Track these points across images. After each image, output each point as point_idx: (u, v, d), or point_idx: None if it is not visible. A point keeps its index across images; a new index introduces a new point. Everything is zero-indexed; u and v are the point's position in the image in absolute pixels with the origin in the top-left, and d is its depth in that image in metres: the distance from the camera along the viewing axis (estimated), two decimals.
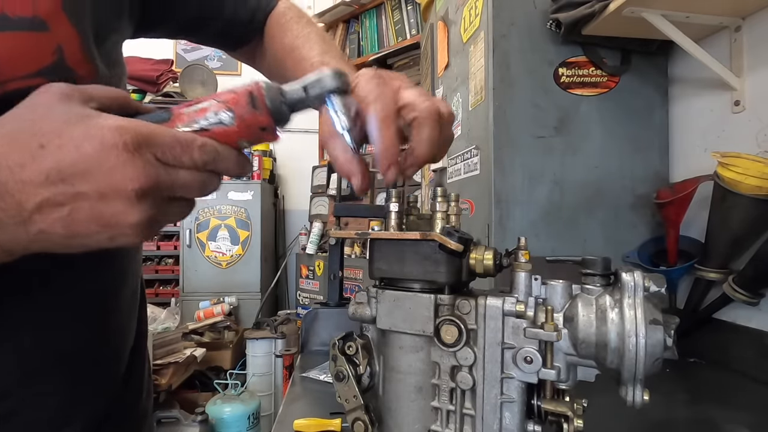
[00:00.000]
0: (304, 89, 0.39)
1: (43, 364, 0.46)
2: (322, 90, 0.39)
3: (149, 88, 3.50)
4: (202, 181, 0.36)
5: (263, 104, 0.37)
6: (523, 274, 0.41)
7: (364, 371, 0.47)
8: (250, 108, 0.37)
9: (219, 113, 0.37)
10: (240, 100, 0.37)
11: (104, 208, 0.32)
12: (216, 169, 0.37)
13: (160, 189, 0.33)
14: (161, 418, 2.27)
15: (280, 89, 0.38)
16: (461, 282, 0.44)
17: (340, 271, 1.23)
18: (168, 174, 0.34)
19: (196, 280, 3.28)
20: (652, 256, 1.14)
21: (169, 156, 0.34)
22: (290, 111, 0.39)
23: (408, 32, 3.13)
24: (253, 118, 0.37)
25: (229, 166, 0.38)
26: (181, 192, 0.36)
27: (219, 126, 0.37)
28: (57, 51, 0.41)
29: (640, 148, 1.20)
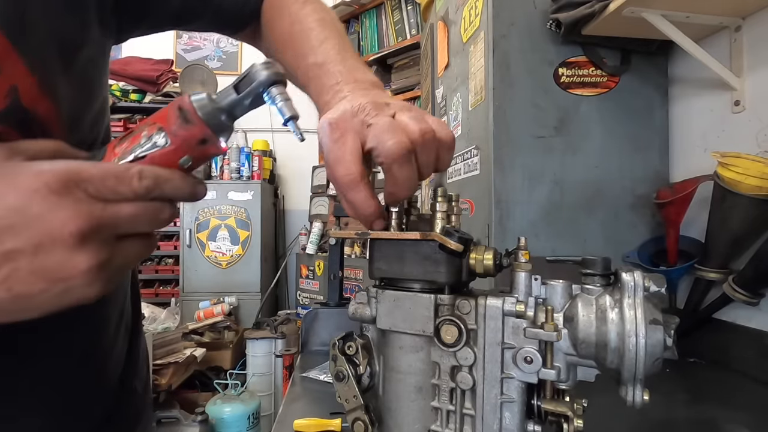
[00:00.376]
0: (235, 89, 0.37)
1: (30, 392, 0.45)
2: (256, 86, 0.36)
3: (149, 88, 3.50)
4: (151, 210, 0.33)
5: (195, 116, 0.35)
6: (523, 274, 0.41)
7: (364, 371, 0.47)
8: (181, 123, 0.35)
9: (152, 136, 0.35)
10: (170, 116, 0.35)
11: (45, 260, 0.29)
12: (162, 195, 0.34)
13: (102, 228, 0.30)
14: (161, 418, 2.27)
15: (210, 96, 0.36)
16: (461, 282, 0.44)
17: (340, 271, 1.23)
18: (107, 210, 0.31)
19: (196, 280, 3.28)
20: (652, 256, 1.14)
21: (104, 190, 0.31)
22: (229, 117, 0.37)
23: (408, 32, 3.13)
24: (187, 132, 0.35)
25: (177, 189, 0.35)
26: (130, 227, 0.33)
27: (155, 149, 0.34)
28: (11, 93, 0.38)
29: (640, 148, 1.20)
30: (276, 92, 0.37)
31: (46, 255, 0.29)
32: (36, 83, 0.40)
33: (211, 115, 0.35)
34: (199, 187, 0.37)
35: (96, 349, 0.53)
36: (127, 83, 3.48)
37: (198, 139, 0.35)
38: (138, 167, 0.33)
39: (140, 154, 0.35)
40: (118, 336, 0.57)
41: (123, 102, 3.44)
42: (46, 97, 0.41)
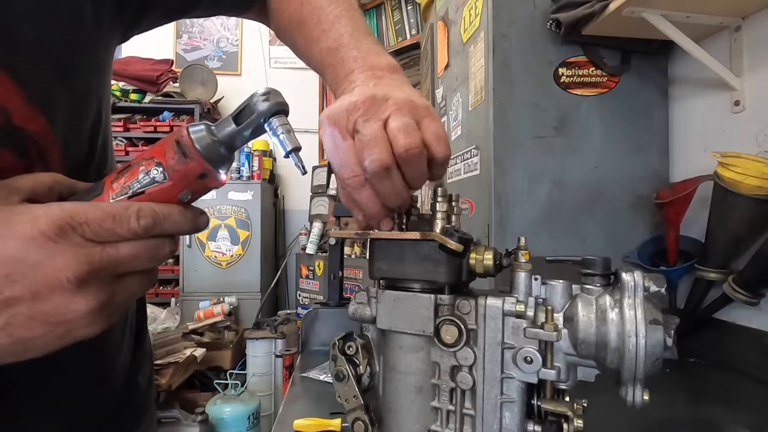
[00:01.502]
0: (234, 120, 0.35)
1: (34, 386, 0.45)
2: (256, 118, 0.35)
3: (149, 88, 3.50)
4: (151, 249, 0.33)
5: (193, 150, 0.34)
6: (523, 274, 0.41)
7: (364, 371, 0.47)
8: (180, 158, 0.34)
9: (149, 171, 0.34)
10: (167, 151, 0.34)
11: (44, 306, 0.29)
12: (162, 232, 0.34)
13: (101, 270, 0.31)
14: (161, 418, 2.26)
15: (210, 129, 0.35)
16: (461, 282, 0.44)
17: (340, 271, 1.23)
18: (106, 252, 0.31)
19: (196, 280, 3.28)
20: (652, 256, 1.14)
21: (102, 232, 0.31)
22: (228, 149, 0.35)
23: (408, 32, 3.13)
24: (185, 167, 0.34)
25: (177, 225, 0.34)
26: (129, 266, 0.33)
27: (153, 185, 0.34)
28: (1, 113, 0.37)
29: (640, 148, 1.20)
30: (277, 123, 0.36)
31: (44, 301, 0.29)
32: (27, 101, 0.39)
33: (209, 149, 0.34)
34: (201, 219, 0.36)
35: (102, 342, 0.53)
36: (127, 83, 3.48)
37: (197, 174, 0.34)
38: (136, 206, 0.32)
39: (138, 190, 0.34)
40: (125, 330, 0.58)
41: (123, 102, 3.44)
42: (40, 114, 0.40)
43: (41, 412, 0.45)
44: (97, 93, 0.49)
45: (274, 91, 0.36)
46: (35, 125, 0.40)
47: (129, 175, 0.34)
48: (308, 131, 3.82)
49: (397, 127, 0.40)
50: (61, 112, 0.42)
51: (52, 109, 0.41)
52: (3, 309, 0.29)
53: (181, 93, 3.50)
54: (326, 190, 3.37)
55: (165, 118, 3.42)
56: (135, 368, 0.60)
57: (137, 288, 0.34)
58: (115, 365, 0.55)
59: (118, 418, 0.56)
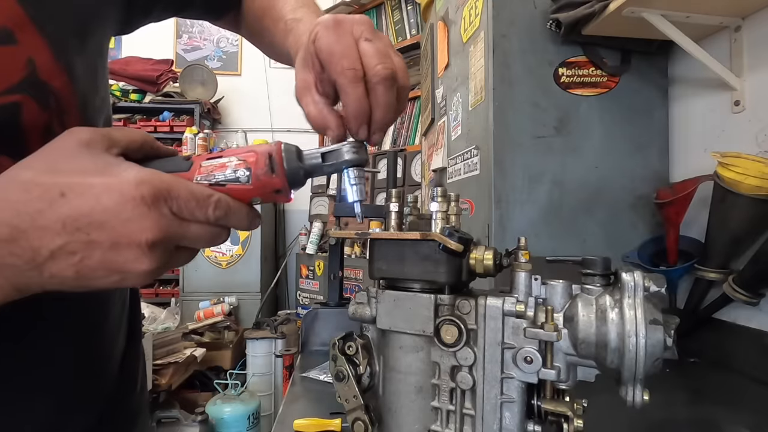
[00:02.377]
0: (321, 157, 0.41)
1: (32, 379, 0.45)
2: (341, 164, 0.41)
3: (149, 88, 3.50)
4: (212, 234, 0.37)
5: (281, 168, 0.38)
6: (523, 274, 0.41)
7: (364, 371, 0.47)
8: (267, 170, 0.38)
9: (237, 171, 0.38)
10: (259, 161, 0.38)
11: (115, 256, 0.33)
12: (227, 224, 0.38)
13: (171, 240, 0.35)
14: (161, 418, 2.27)
15: (300, 155, 0.40)
16: (461, 282, 0.44)
17: (340, 271, 1.23)
18: (180, 227, 0.35)
19: (196, 280, 3.28)
20: (652, 256, 1.14)
21: (184, 210, 0.35)
22: (306, 176, 0.40)
23: (408, 32, 3.13)
24: (268, 180, 0.38)
25: (240, 222, 0.39)
26: (189, 243, 0.37)
27: (235, 183, 0.38)
28: (28, 64, 0.39)
29: (640, 148, 1.20)
30: (354, 174, 0.41)
31: (117, 253, 0.33)
32: (53, 57, 0.40)
33: (293, 172, 0.39)
34: (256, 221, 0.41)
35: (98, 332, 0.53)
36: (127, 83, 3.48)
37: (275, 189, 0.39)
38: (216, 197, 0.36)
39: (221, 182, 0.38)
40: (121, 318, 0.58)
41: (123, 102, 3.44)
42: (63, 72, 0.42)
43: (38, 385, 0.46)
44: (100, 78, 0.51)
45: (363, 147, 0.42)
46: (59, 82, 0.41)
47: (219, 166, 0.38)
48: (308, 131, 3.82)
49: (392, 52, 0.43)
50: (79, 74, 0.44)
51: (72, 69, 0.43)
52: (83, 248, 0.32)
53: (181, 93, 3.50)
54: (326, 190, 3.37)
55: (165, 118, 3.42)
56: (129, 362, 0.60)
57: (184, 260, 0.39)
58: (111, 353, 0.56)
59: (114, 418, 0.56)
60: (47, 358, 0.46)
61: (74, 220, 0.31)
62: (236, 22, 0.70)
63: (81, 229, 0.32)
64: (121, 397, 0.58)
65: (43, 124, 0.40)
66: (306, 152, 0.41)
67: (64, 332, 0.48)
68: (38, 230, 0.31)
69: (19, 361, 0.44)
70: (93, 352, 0.53)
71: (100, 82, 0.51)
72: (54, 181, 0.32)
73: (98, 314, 0.53)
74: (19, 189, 0.32)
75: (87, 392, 0.52)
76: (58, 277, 0.33)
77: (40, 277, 0.32)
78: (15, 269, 0.32)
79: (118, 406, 0.57)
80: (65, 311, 0.47)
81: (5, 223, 0.31)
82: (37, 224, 0.31)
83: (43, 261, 0.32)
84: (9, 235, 0.31)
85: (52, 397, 0.47)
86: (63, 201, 0.31)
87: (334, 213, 1.22)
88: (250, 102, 3.91)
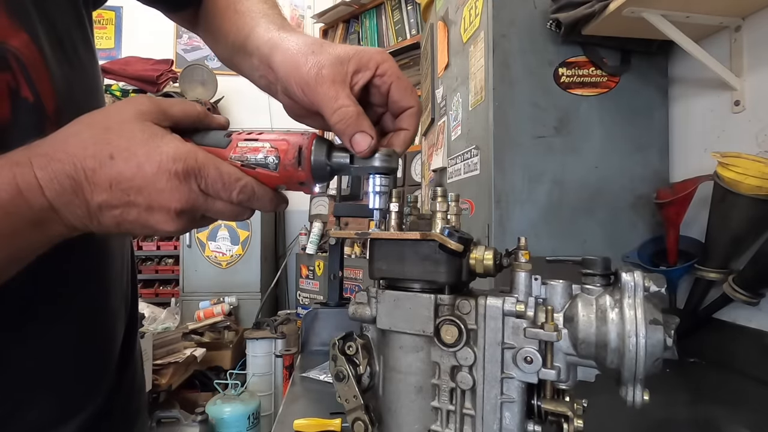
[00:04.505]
0: (351, 159, 0.42)
1: (35, 368, 0.46)
2: (369, 169, 0.42)
3: (149, 87, 3.50)
4: (235, 212, 0.42)
5: (308, 163, 0.40)
6: (524, 274, 0.41)
7: (364, 371, 0.47)
8: (294, 162, 0.40)
9: (268, 157, 0.40)
10: (289, 151, 0.40)
11: (149, 217, 0.38)
12: (250, 206, 0.42)
13: (196, 211, 0.40)
14: (161, 418, 2.27)
15: (329, 152, 0.41)
16: (461, 282, 0.44)
17: (340, 271, 1.23)
18: (206, 202, 0.40)
19: (196, 280, 3.28)
20: (652, 256, 1.14)
21: (212, 189, 0.39)
22: (332, 174, 0.42)
23: (408, 32, 3.13)
24: (294, 171, 0.40)
25: (264, 206, 0.42)
26: (214, 215, 0.42)
27: (264, 168, 0.40)
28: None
29: (640, 148, 1.20)
30: (380, 182, 0.42)
31: (150, 214, 0.38)
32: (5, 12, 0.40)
33: (319, 167, 0.41)
34: (282, 205, 0.44)
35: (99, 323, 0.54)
36: (127, 83, 3.48)
37: (300, 180, 0.41)
38: (243, 182, 0.40)
39: (252, 164, 0.41)
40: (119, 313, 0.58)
41: None
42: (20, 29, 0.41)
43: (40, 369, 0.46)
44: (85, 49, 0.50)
45: (396, 155, 0.42)
46: (18, 41, 0.41)
47: (253, 149, 0.41)
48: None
49: None
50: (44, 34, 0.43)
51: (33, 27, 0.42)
52: (125, 207, 0.38)
53: (181, 93, 3.49)
54: (326, 190, 3.36)
55: None
56: (128, 357, 0.60)
57: (207, 224, 0.44)
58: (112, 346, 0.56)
59: (114, 414, 0.56)
60: (48, 348, 0.47)
61: (119, 181, 0.37)
62: (194, 22, 0.67)
63: (124, 190, 0.37)
64: (122, 392, 0.58)
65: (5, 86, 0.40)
66: (336, 151, 0.42)
67: (65, 323, 0.48)
68: (91, 185, 0.37)
69: (20, 351, 0.44)
70: (94, 343, 0.53)
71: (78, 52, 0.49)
72: (107, 143, 0.37)
73: (99, 302, 0.53)
74: (79, 145, 0.37)
75: (88, 384, 0.52)
76: (103, 225, 0.39)
77: (90, 222, 0.38)
78: (74, 214, 0.37)
79: (120, 401, 0.57)
80: (66, 300, 0.48)
81: (68, 175, 0.36)
82: (90, 180, 0.36)
83: (94, 211, 0.38)
84: (71, 186, 0.36)
85: (54, 388, 0.47)
86: (111, 163, 0.37)
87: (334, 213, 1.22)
88: (250, 102, 3.90)
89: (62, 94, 0.45)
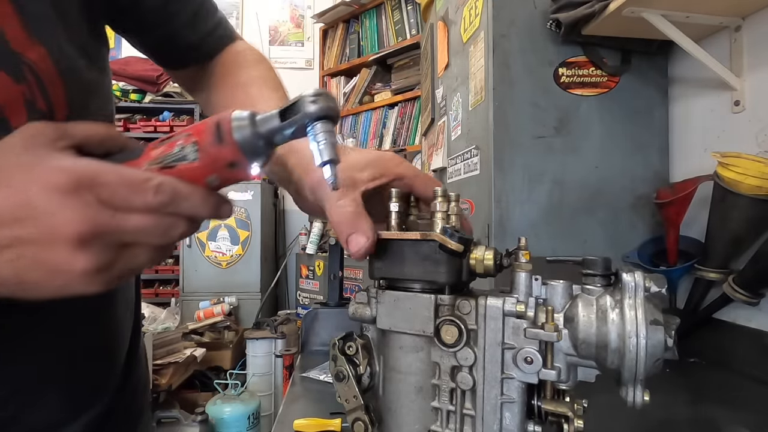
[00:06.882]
0: (280, 116, 0.33)
1: (41, 366, 0.46)
2: (301, 118, 0.33)
3: (149, 87, 3.50)
4: (162, 226, 0.32)
5: (229, 137, 0.32)
6: (524, 275, 0.41)
7: (364, 371, 0.47)
8: (214, 141, 0.32)
9: (185, 147, 0.33)
10: (206, 131, 0.32)
11: (48, 254, 0.30)
12: (178, 212, 0.33)
13: (105, 234, 0.31)
14: (161, 418, 2.27)
15: (253, 120, 0.33)
16: (461, 282, 0.44)
17: (340, 271, 1.23)
18: (116, 218, 0.31)
19: (196, 280, 3.27)
20: (652, 256, 1.14)
21: (117, 198, 0.31)
22: (267, 144, 0.33)
23: (408, 32, 3.13)
24: (217, 152, 0.32)
25: (196, 208, 0.33)
26: (136, 238, 0.32)
27: (183, 162, 0.33)
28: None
29: (640, 148, 1.20)
30: (320, 129, 0.33)
31: (49, 250, 0.30)
32: (21, 27, 0.40)
33: (247, 139, 0.32)
34: (224, 208, 0.35)
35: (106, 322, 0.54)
36: (127, 83, 3.48)
37: (227, 161, 0.33)
38: (158, 180, 0.31)
39: (170, 164, 0.33)
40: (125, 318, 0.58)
41: (123, 102, 3.43)
42: (37, 44, 0.41)
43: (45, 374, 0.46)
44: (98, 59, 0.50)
45: (326, 94, 0.33)
46: (34, 54, 0.40)
47: (167, 146, 0.33)
48: None
49: None
50: (60, 48, 0.43)
51: (50, 41, 0.42)
52: (14, 244, 0.30)
53: (181, 93, 3.49)
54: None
55: (165, 118, 3.42)
56: (133, 357, 0.60)
57: (143, 260, 0.33)
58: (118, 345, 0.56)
59: (119, 412, 0.56)
60: (56, 350, 0.47)
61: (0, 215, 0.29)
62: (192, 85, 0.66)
63: (7, 225, 0.30)
64: (127, 391, 0.58)
65: (20, 97, 0.40)
66: (262, 115, 0.33)
67: (72, 321, 0.48)
68: None
69: (26, 352, 0.44)
70: (101, 344, 0.53)
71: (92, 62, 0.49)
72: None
73: (105, 304, 0.53)
74: None
75: (94, 384, 0.52)
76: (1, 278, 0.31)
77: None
78: None
79: (124, 401, 0.57)
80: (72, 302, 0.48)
81: None
82: None
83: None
84: None
85: (60, 389, 0.47)
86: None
87: None
88: None
89: (75, 104, 0.45)
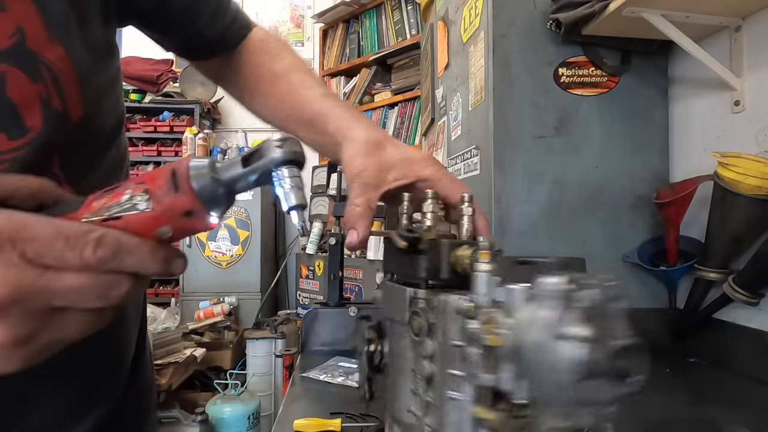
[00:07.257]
0: (243, 162, 0.32)
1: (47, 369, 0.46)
2: (265, 164, 0.32)
3: (149, 88, 3.50)
4: (101, 284, 0.28)
5: (186, 184, 0.30)
6: (481, 275, 0.39)
7: (375, 350, 0.50)
8: (169, 189, 0.30)
9: (134, 197, 0.30)
10: (159, 179, 0.30)
11: None
12: (121, 268, 0.28)
13: (30, 298, 0.26)
14: (161, 418, 2.27)
15: (213, 167, 0.31)
16: (441, 279, 0.44)
17: (340, 271, 1.23)
18: (43, 278, 0.26)
19: (196, 280, 3.28)
20: (652, 256, 1.14)
21: (48, 254, 0.26)
22: (228, 191, 0.32)
23: (408, 32, 3.13)
24: (173, 201, 0.30)
25: (143, 262, 0.29)
26: (69, 301, 0.27)
27: (132, 212, 0.30)
28: (17, 33, 0.38)
29: (640, 148, 1.20)
30: (287, 174, 0.32)
31: None
32: (43, 27, 0.40)
33: (206, 187, 0.31)
34: (175, 263, 0.31)
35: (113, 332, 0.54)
36: (127, 83, 3.48)
37: (183, 211, 0.30)
38: (99, 232, 0.27)
39: (115, 215, 0.30)
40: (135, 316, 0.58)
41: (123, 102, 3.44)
42: (57, 44, 0.41)
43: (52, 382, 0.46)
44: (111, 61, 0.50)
45: (291, 139, 0.33)
46: (53, 54, 0.41)
47: (113, 195, 0.30)
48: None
49: None
50: (78, 48, 0.43)
51: (69, 41, 0.42)
52: None
53: (181, 93, 3.50)
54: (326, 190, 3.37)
55: (165, 118, 3.42)
56: (140, 360, 0.60)
57: (75, 328, 0.28)
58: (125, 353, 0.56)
59: (125, 414, 0.56)
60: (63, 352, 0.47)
61: None
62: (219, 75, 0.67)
63: None
64: (133, 394, 0.58)
65: (36, 96, 0.40)
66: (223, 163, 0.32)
67: None
68: None
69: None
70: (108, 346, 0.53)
71: (107, 63, 0.50)
72: None
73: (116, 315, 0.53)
74: None
75: (101, 386, 0.52)
76: None
77: None
78: None
79: (129, 402, 0.57)
80: None
81: None
82: None
83: None
84: None
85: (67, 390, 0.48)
86: None
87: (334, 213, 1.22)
88: None
89: (89, 104, 0.45)
